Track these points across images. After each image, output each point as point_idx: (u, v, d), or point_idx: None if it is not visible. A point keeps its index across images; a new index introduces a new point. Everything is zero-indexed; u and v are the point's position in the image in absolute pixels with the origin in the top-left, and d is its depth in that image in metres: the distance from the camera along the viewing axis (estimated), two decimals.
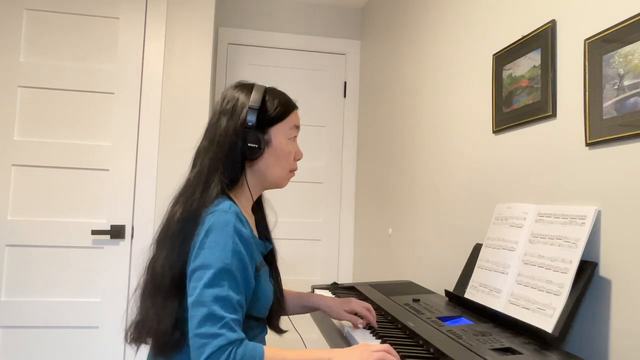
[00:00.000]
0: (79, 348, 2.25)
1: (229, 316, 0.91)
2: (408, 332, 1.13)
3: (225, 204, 1.00)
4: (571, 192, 1.13)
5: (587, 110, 1.08)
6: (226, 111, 1.08)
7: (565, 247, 1.04)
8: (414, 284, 1.73)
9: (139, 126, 2.36)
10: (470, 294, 1.29)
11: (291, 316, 1.30)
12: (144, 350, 1.09)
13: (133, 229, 2.32)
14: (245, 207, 1.12)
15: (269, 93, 1.12)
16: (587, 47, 1.09)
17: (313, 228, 2.98)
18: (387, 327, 1.20)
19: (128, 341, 1.06)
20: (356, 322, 1.22)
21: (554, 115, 1.20)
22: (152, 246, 1.08)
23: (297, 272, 2.87)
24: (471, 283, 1.31)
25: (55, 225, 2.27)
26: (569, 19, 1.17)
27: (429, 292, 1.57)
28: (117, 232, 2.29)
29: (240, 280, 0.96)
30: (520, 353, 0.94)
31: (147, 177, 2.35)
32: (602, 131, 1.03)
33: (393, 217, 2.30)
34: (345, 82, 3.06)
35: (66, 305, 2.26)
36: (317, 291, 1.65)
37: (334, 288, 1.69)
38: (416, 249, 2.01)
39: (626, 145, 0.98)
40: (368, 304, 1.25)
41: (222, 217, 0.98)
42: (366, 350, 0.93)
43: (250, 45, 2.95)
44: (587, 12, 1.11)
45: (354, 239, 3.01)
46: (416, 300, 1.40)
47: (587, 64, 1.08)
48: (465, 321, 1.18)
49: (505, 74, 1.40)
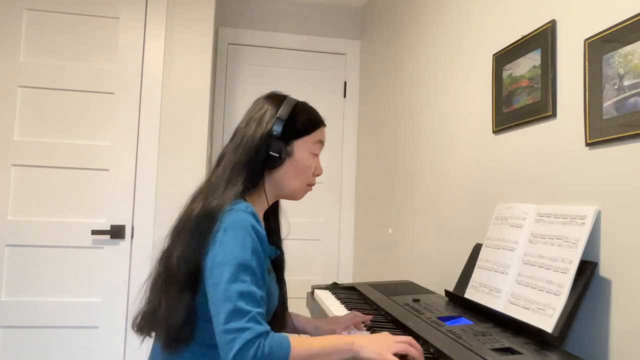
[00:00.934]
0: (79, 348, 2.25)
1: (255, 310, 0.93)
2: (408, 332, 1.13)
3: (242, 204, 1.03)
4: (571, 192, 1.13)
5: (587, 110, 1.08)
6: (255, 118, 1.13)
7: (565, 247, 1.04)
8: (414, 284, 1.73)
9: (139, 126, 2.36)
10: (470, 294, 1.29)
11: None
12: (146, 349, 1.09)
13: (133, 229, 2.32)
14: (258, 212, 1.14)
15: (299, 107, 1.16)
16: (587, 47, 1.09)
17: (313, 228, 2.98)
18: (387, 327, 1.20)
19: (135, 330, 1.08)
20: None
21: (554, 115, 1.20)
22: (167, 238, 1.10)
23: (297, 272, 2.87)
24: (471, 283, 1.31)
25: (55, 225, 2.27)
26: (569, 19, 1.17)
27: (429, 292, 1.57)
28: (117, 232, 2.29)
29: (259, 277, 0.99)
30: (520, 353, 0.94)
31: (147, 177, 2.35)
32: (602, 131, 1.03)
33: (393, 217, 2.30)
34: (345, 82, 3.06)
35: (66, 305, 2.26)
36: (317, 291, 1.65)
37: (334, 288, 1.69)
38: (416, 249, 2.01)
39: (626, 145, 0.98)
40: (355, 313, 1.26)
41: (240, 215, 1.00)
42: (389, 340, 0.98)
43: (250, 45, 2.95)
44: (587, 12, 1.11)
45: (354, 239, 3.01)
46: (416, 300, 1.40)
47: (587, 64, 1.08)
48: (465, 321, 1.18)
49: (505, 74, 1.40)
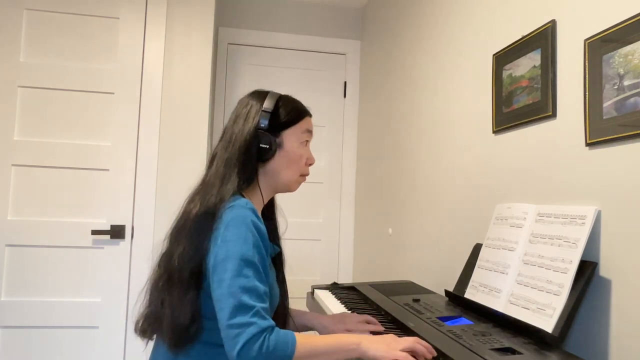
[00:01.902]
0: (79, 348, 2.25)
1: (259, 305, 0.94)
2: (408, 332, 1.13)
3: (242, 200, 1.04)
4: (571, 192, 1.13)
5: (587, 110, 1.08)
6: (242, 115, 1.15)
7: (565, 247, 1.04)
8: (414, 284, 1.73)
9: (139, 126, 2.36)
10: (470, 294, 1.28)
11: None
12: (146, 351, 1.09)
13: (133, 229, 2.32)
14: (257, 209, 1.14)
15: (283, 99, 1.18)
16: (587, 47, 1.09)
17: (313, 228, 2.98)
18: (387, 327, 1.20)
19: (137, 333, 1.09)
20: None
21: (554, 115, 1.20)
22: (165, 241, 1.10)
23: (297, 272, 2.86)
24: (471, 283, 1.31)
25: (55, 225, 2.27)
26: (569, 19, 1.17)
27: (429, 292, 1.57)
28: (117, 232, 2.29)
29: (262, 272, 0.99)
30: (520, 353, 0.94)
31: (147, 177, 2.35)
32: (602, 131, 1.03)
33: (393, 217, 2.30)
34: (345, 82, 3.06)
35: (66, 305, 2.25)
36: (317, 291, 1.65)
37: (334, 288, 1.69)
38: (416, 249, 2.01)
39: (626, 145, 0.98)
40: (366, 317, 1.23)
41: (241, 211, 1.01)
42: (396, 340, 0.98)
43: (250, 45, 2.95)
44: (587, 12, 1.11)
45: (354, 239, 3.01)
46: (416, 300, 1.40)
47: (587, 64, 1.08)
48: (465, 321, 1.18)
49: (505, 74, 1.40)
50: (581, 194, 1.10)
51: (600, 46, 1.05)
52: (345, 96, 3.06)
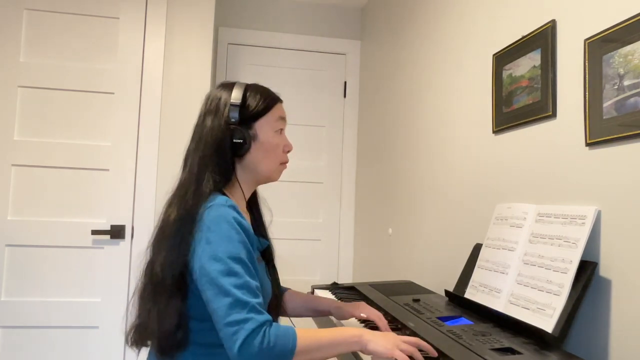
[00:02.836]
0: (79, 348, 2.25)
1: (253, 300, 0.92)
2: (408, 332, 1.13)
3: (221, 198, 1.02)
4: (571, 192, 1.13)
5: (587, 110, 1.08)
6: (210, 111, 1.11)
7: (565, 247, 1.04)
8: (414, 284, 1.73)
9: (139, 126, 2.36)
10: (470, 294, 1.28)
11: (293, 318, 1.29)
12: (145, 352, 1.09)
13: (133, 229, 2.32)
14: (240, 205, 1.12)
15: (250, 89, 1.14)
16: (587, 47, 1.09)
17: (313, 228, 2.98)
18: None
19: (129, 344, 1.07)
20: (367, 318, 1.20)
21: (554, 115, 1.20)
22: (148, 250, 1.08)
23: (297, 272, 2.86)
24: (471, 283, 1.31)
25: (55, 225, 2.27)
26: (569, 19, 1.17)
27: (429, 292, 1.57)
28: (117, 232, 2.29)
29: (251, 268, 0.98)
30: (520, 353, 0.94)
31: (147, 177, 2.35)
32: (602, 131, 1.03)
33: (393, 217, 2.30)
34: (345, 82, 3.06)
35: (66, 305, 2.25)
36: (317, 291, 1.65)
37: (334, 288, 1.69)
38: (416, 249, 2.01)
39: (626, 145, 0.98)
40: (379, 313, 1.21)
41: (221, 210, 0.99)
42: (398, 338, 0.97)
43: (250, 45, 2.95)
44: (587, 12, 1.11)
45: (354, 239, 3.01)
46: (416, 300, 1.40)
47: (587, 64, 1.08)
48: (465, 321, 1.18)
49: (505, 74, 1.40)
50: (581, 194, 1.10)
51: (600, 46, 1.05)
52: (345, 96, 3.06)
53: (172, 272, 0.99)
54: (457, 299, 1.36)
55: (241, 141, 1.08)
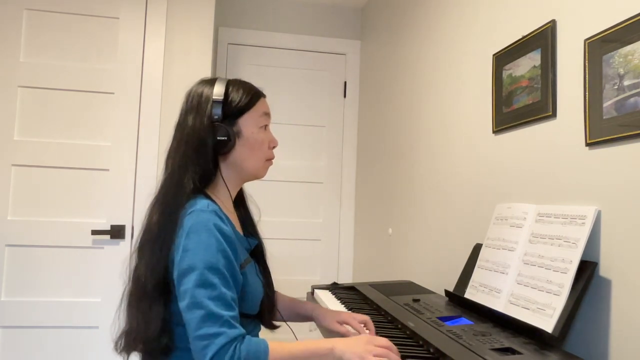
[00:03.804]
0: (79, 348, 2.25)
1: (227, 314, 0.91)
2: (408, 332, 1.13)
3: (202, 203, 0.99)
4: (571, 192, 1.13)
5: (587, 110, 1.08)
6: (192, 108, 1.07)
7: (565, 247, 1.04)
8: (414, 284, 1.73)
9: (139, 126, 2.36)
10: (470, 294, 1.29)
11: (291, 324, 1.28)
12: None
13: (133, 229, 2.32)
14: (226, 204, 1.10)
15: (232, 84, 1.10)
16: (587, 47, 1.09)
17: (313, 228, 2.98)
18: (387, 327, 1.20)
19: (118, 351, 1.05)
20: (347, 333, 1.14)
21: (554, 115, 1.20)
22: (134, 254, 1.07)
23: (297, 272, 2.86)
24: (471, 283, 1.31)
25: (55, 225, 2.27)
26: (569, 19, 1.17)
27: (429, 292, 1.57)
28: (117, 232, 2.29)
29: (229, 278, 0.96)
30: (520, 353, 0.94)
31: (147, 177, 2.35)
32: (602, 131, 1.03)
33: (393, 217, 2.30)
34: (345, 82, 3.06)
35: (66, 305, 2.25)
36: (317, 291, 1.65)
37: (334, 288, 1.69)
38: (416, 249, 2.01)
39: (626, 145, 0.98)
40: (365, 317, 1.17)
41: (201, 216, 0.97)
42: (370, 343, 0.94)
43: (250, 45, 2.95)
44: (587, 12, 1.11)
45: (354, 239, 3.01)
46: (416, 300, 1.40)
47: (587, 64, 1.08)
48: (465, 321, 1.18)
49: (505, 74, 1.40)
50: (581, 194, 1.10)
51: (600, 46, 1.05)
52: (345, 96, 3.06)
53: (153, 278, 0.98)
54: (457, 299, 1.36)
55: (225, 138, 1.05)
